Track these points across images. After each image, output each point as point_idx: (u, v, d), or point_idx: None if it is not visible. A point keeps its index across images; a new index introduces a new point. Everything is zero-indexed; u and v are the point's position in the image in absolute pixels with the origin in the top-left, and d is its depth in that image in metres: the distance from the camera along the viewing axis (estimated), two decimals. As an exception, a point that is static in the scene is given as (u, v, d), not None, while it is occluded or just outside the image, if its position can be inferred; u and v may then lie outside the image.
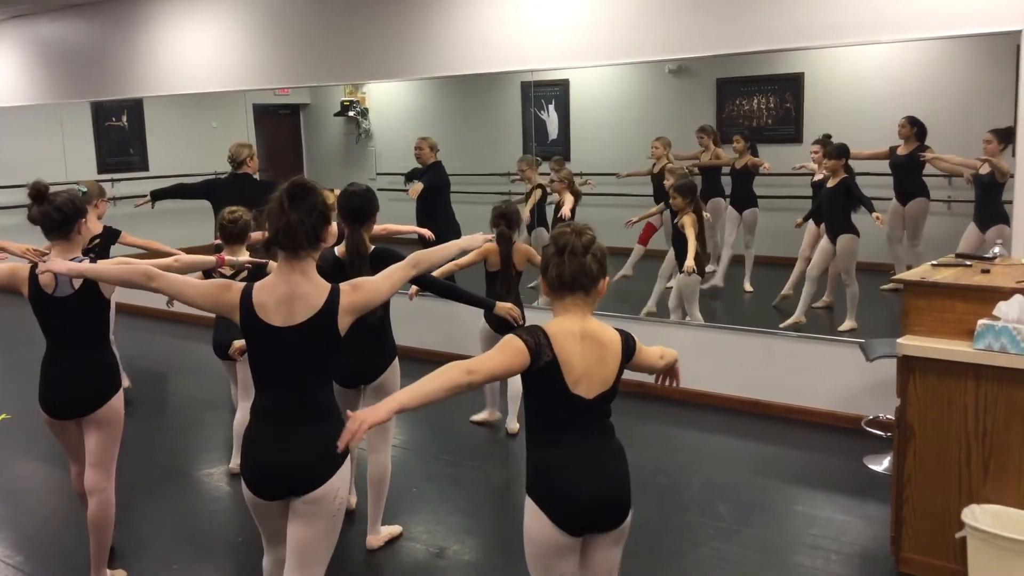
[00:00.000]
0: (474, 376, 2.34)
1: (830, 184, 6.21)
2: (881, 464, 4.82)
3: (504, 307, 4.51)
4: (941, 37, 5.00)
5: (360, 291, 2.75)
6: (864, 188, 6.31)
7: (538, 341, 2.39)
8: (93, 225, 6.01)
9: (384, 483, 4.08)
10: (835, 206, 6.23)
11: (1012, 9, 4.67)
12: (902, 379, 3.64)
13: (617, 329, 2.56)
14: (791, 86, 7.07)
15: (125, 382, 6.40)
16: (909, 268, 6.01)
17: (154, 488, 4.92)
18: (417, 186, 7.29)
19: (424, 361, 6.28)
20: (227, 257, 4.03)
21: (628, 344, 2.54)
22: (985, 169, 5.64)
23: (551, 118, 8.38)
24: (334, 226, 4.65)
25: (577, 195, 6.90)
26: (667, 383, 2.85)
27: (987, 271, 3.79)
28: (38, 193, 3.48)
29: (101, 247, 6.11)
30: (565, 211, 6.89)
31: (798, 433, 5.47)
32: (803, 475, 4.93)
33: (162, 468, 5.23)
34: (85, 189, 6.01)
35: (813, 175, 6.67)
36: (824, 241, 6.31)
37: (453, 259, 3.51)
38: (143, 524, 4.47)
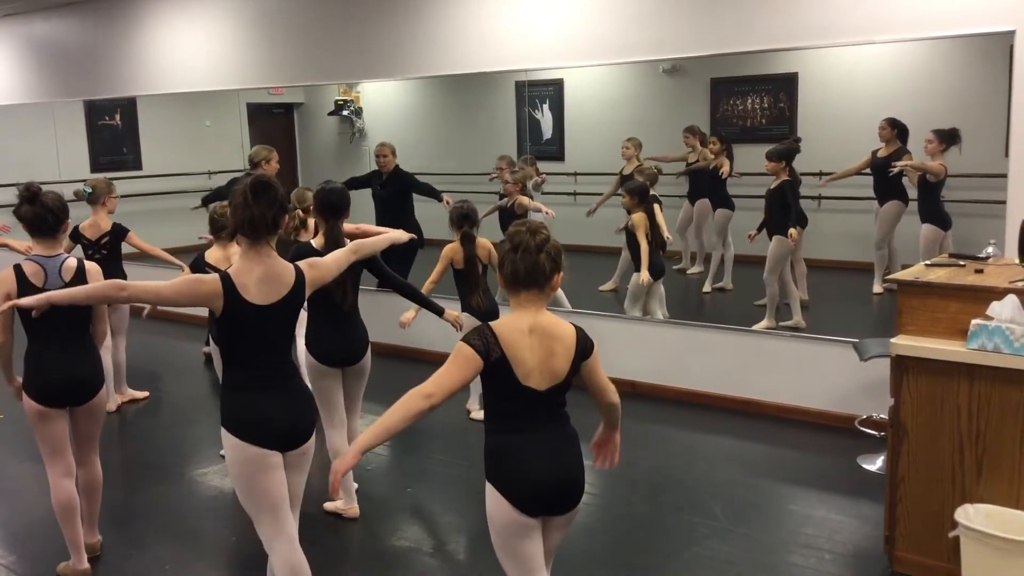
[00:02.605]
0: (434, 399, 2.48)
1: (772, 186, 6.27)
2: (875, 464, 4.83)
3: (452, 315, 4.72)
4: (935, 37, 5.01)
5: (316, 268, 3.13)
6: (858, 189, 6.31)
7: (486, 341, 2.52)
8: (102, 222, 6.00)
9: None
10: (772, 207, 6.30)
11: (1005, 9, 4.68)
12: (896, 379, 3.65)
13: (575, 325, 2.66)
14: (785, 86, 7.07)
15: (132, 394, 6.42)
16: (887, 271, 6.07)
17: (146, 488, 4.91)
18: (446, 197, 7.19)
19: (420, 361, 6.30)
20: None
21: (584, 342, 2.63)
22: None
23: (545, 118, 8.37)
24: (311, 221, 4.81)
25: (530, 198, 6.90)
26: (603, 463, 2.89)
27: (980, 271, 3.80)
28: (32, 194, 3.63)
29: (111, 245, 6.06)
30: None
31: (792, 433, 5.47)
32: (797, 475, 4.93)
33: (154, 468, 5.21)
34: (91, 189, 5.99)
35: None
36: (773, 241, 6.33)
37: (385, 245, 3.86)
38: (136, 523, 4.46)
